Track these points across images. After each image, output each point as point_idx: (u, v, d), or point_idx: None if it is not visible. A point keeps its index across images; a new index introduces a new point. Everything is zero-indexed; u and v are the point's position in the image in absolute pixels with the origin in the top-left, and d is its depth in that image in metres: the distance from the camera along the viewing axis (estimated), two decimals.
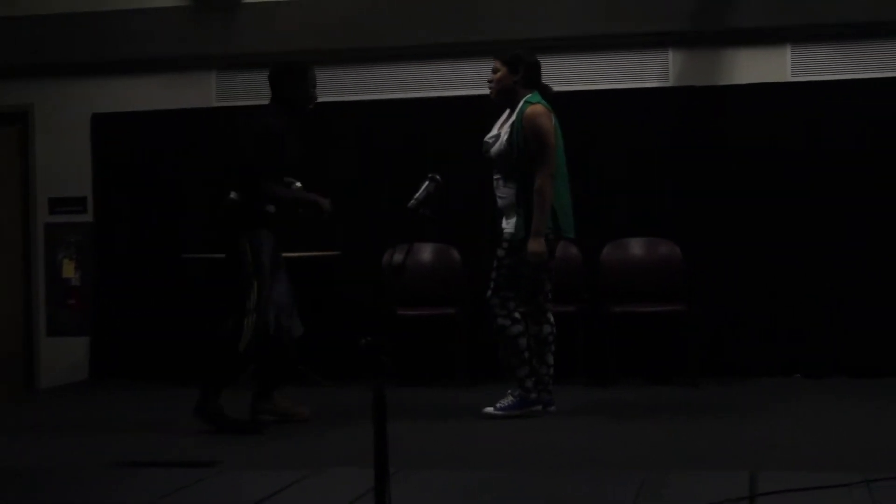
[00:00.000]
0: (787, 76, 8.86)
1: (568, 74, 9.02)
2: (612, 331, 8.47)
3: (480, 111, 8.04)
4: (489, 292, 7.15)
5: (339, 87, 9.39)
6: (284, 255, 7.53)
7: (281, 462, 6.10)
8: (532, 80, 7.19)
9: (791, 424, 6.90)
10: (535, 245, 6.97)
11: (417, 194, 5.16)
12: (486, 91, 7.28)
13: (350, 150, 9.31)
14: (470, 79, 9.12)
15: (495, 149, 7.15)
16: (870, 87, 8.72)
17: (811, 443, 6.28)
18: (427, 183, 5.19)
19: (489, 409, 7.15)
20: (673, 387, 8.37)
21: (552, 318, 7.25)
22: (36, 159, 9.83)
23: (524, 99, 7.11)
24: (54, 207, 9.80)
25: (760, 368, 8.66)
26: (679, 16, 8.88)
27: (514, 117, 7.12)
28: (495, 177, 7.21)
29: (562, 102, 8.89)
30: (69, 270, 9.75)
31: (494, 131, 7.22)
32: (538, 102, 7.09)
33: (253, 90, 9.43)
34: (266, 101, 9.41)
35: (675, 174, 8.89)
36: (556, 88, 8.87)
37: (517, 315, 7.11)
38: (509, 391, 7.18)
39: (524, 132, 7.02)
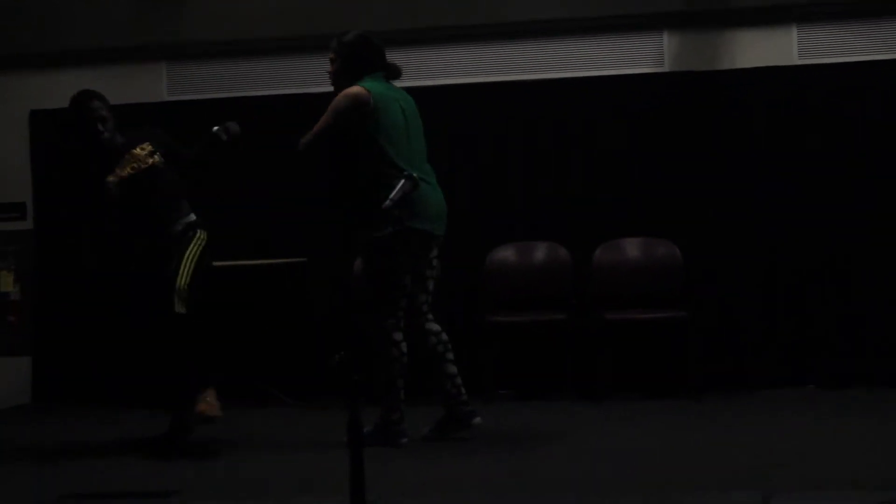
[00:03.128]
0: (794, 59, 8.86)
1: (554, 60, 9.00)
2: (604, 340, 8.45)
3: (457, 102, 8.05)
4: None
5: (297, 78, 9.36)
6: (243, 262, 7.48)
7: (245, 491, 6.05)
8: (369, 64, 7.14)
9: (805, 440, 6.88)
10: None
11: (392, 194, 5.13)
12: (473, 80, 7.24)
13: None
14: (454, 66, 9.08)
15: None
16: (882, 69, 8.73)
17: (827, 460, 6.25)
18: (403, 182, 5.16)
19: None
20: (672, 400, 8.36)
21: (435, 327, 7.07)
22: None
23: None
24: None
25: (769, 379, 8.67)
26: None
27: None
28: None
29: (547, 91, 8.91)
30: (7, 283, 9.68)
31: None
32: (359, 84, 6.99)
33: (207, 82, 9.40)
34: (221, 94, 9.45)
35: (673, 168, 8.87)
36: (540, 76, 8.88)
37: (397, 336, 6.93)
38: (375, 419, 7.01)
39: None
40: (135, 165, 7.14)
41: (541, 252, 8.92)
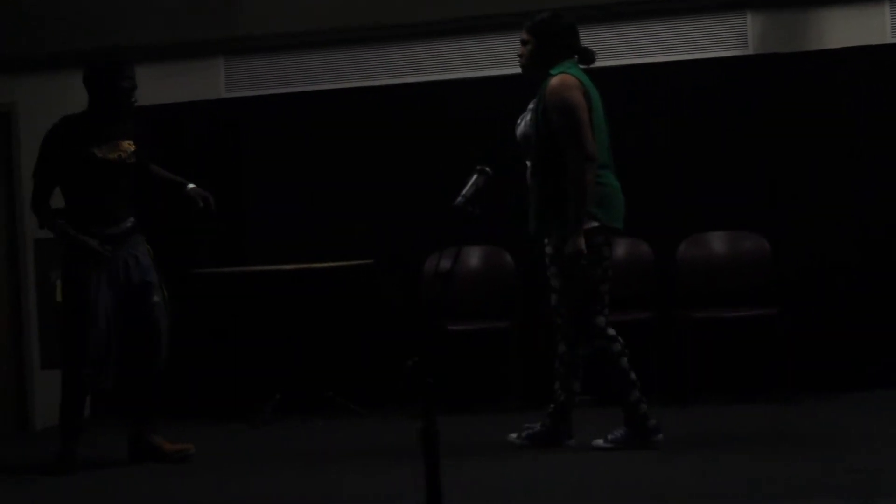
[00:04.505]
0: (887, 37, 8.78)
1: (632, 45, 8.99)
2: (691, 340, 8.41)
3: (528, 91, 8.00)
4: (559, 313, 7.04)
5: (359, 70, 9.38)
6: (309, 265, 7.49)
7: None
8: (566, 47, 7.04)
9: None
10: (573, 243, 6.73)
11: (465, 190, 5.14)
12: None
13: (379, 142, 9.26)
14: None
15: (520, 130, 7.03)
16: None
17: None
18: (475, 176, 5.17)
19: (598, 442, 7.00)
20: (765, 405, 8.30)
21: (612, 331, 7.03)
22: (22, 167, 9.78)
23: (550, 70, 6.95)
24: None
25: (868, 381, 8.58)
26: None
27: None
28: (528, 164, 7.08)
29: (626, 77, 8.86)
30: None
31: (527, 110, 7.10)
32: (565, 72, 6.91)
33: (267, 77, 9.44)
34: (282, 89, 9.46)
35: (760, 157, 8.81)
36: (618, 62, 8.83)
37: (611, 332, 6.96)
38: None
39: (548, 108, 6.87)
40: (120, 155, 7.31)
41: (621, 248, 8.84)
